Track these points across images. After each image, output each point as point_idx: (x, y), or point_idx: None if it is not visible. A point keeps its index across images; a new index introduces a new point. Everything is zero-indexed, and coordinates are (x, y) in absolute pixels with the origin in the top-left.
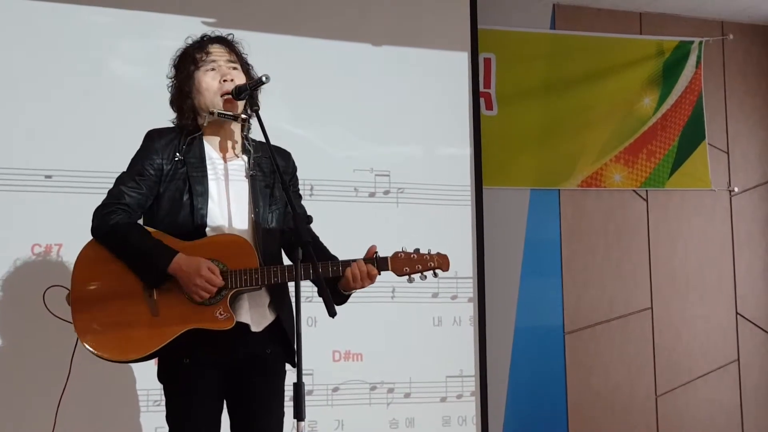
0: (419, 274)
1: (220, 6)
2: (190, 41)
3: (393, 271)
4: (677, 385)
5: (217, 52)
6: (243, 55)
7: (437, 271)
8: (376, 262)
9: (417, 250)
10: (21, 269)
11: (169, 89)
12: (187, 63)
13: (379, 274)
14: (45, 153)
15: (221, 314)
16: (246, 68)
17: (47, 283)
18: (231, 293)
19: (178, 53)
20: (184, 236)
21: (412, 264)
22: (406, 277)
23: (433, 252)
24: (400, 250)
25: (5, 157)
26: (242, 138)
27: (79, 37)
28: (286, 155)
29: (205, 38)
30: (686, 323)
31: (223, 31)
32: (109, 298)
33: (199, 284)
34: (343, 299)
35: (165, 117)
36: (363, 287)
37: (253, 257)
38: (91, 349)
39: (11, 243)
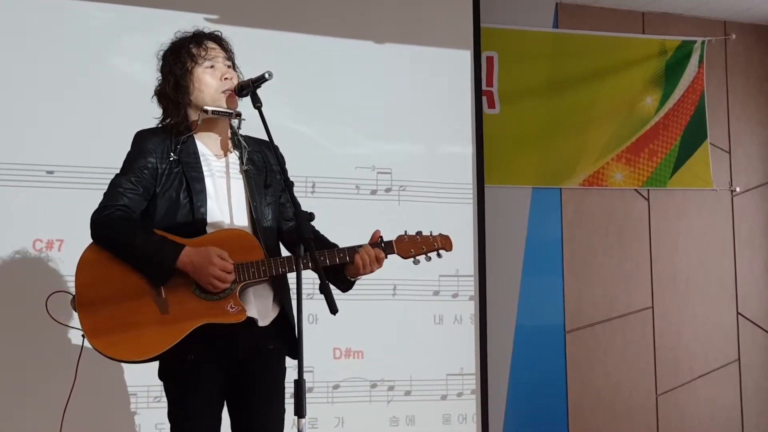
0: (424, 256)
1: (222, 2)
2: (179, 35)
3: (399, 253)
4: (678, 384)
5: (214, 49)
6: (231, 52)
7: (441, 251)
8: (382, 246)
9: (419, 233)
10: (22, 264)
11: (159, 82)
12: (184, 58)
13: (386, 257)
14: (47, 148)
15: (232, 307)
16: (235, 66)
17: (48, 279)
18: (240, 286)
19: (169, 46)
20: (183, 235)
21: (417, 246)
22: (412, 259)
23: (435, 233)
24: (404, 233)
25: (7, 153)
26: (233, 134)
27: (81, 32)
28: (273, 147)
29: (200, 34)
30: (687, 323)
31: (224, 28)
32: (116, 300)
33: (213, 273)
34: (349, 285)
35: None
36: (372, 272)
37: (257, 250)
38: (104, 352)
39: (12, 238)
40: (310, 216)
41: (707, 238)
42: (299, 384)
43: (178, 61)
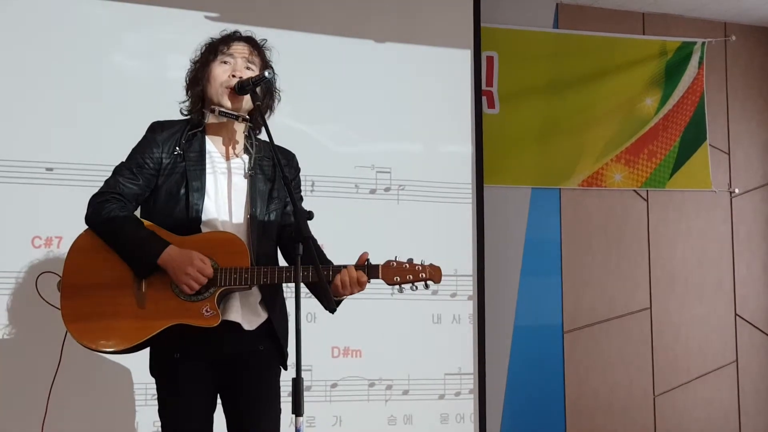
0: (410, 285)
1: (223, 1)
2: (225, 33)
3: (383, 279)
4: (675, 385)
5: (238, 49)
6: (269, 61)
7: (429, 282)
8: (366, 270)
9: (410, 260)
10: (21, 262)
11: (188, 73)
12: (209, 53)
13: (369, 281)
14: (46, 145)
15: (207, 311)
16: (266, 69)
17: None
18: (219, 291)
19: (205, 41)
20: (178, 230)
21: (403, 274)
22: (397, 286)
23: (426, 263)
24: (394, 258)
25: (6, 150)
26: (245, 137)
27: (81, 29)
28: (289, 156)
29: (235, 34)
30: (685, 324)
31: (225, 26)
32: (98, 288)
33: (190, 273)
34: (333, 305)
35: (166, 110)
36: (352, 293)
37: (245, 256)
38: (76, 338)
39: (12, 235)
40: (309, 214)
41: (706, 240)
42: (297, 382)
43: (203, 54)
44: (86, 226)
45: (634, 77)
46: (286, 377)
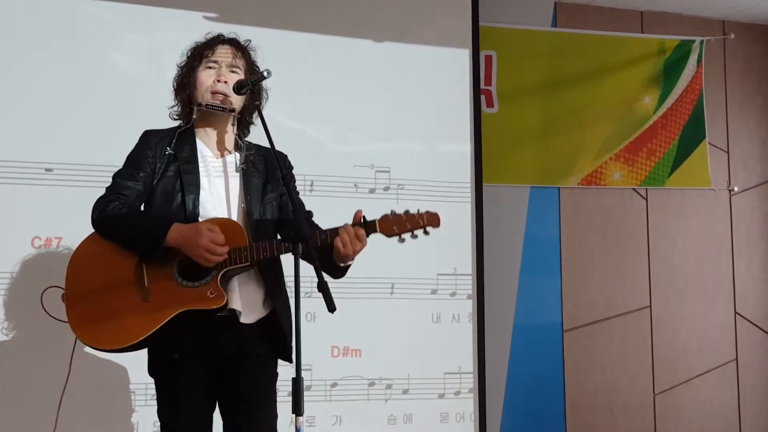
0: (409, 234)
1: (222, 1)
2: (209, 36)
3: (382, 232)
4: (675, 383)
5: (222, 52)
6: (254, 62)
7: (428, 228)
8: (364, 225)
9: (407, 211)
10: (21, 262)
11: (175, 78)
12: (194, 57)
13: (368, 236)
14: (45, 146)
15: (212, 293)
16: (252, 71)
17: (47, 276)
18: (221, 273)
19: (190, 46)
20: None
21: (401, 223)
22: (396, 237)
23: (422, 211)
24: (388, 212)
25: (5, 150)
26: (235, 135)
27: (81, 30)
28: (282, 156)
29: (219, 37)
30: (685, 322)
31: (223, 27)
32: (100, 291)
33: (203, 244)
34: (340, 271)
35: (165, 110)
36: (355, 252)
37: (242, 236)
38: (87, 343)
39: (11, 236)
40: (309, 214)
41: (705, 238)
42: (297, 382)
43: (189, 59)
44: (87, 228)
45: (633, 76)
46: (286, 377)
